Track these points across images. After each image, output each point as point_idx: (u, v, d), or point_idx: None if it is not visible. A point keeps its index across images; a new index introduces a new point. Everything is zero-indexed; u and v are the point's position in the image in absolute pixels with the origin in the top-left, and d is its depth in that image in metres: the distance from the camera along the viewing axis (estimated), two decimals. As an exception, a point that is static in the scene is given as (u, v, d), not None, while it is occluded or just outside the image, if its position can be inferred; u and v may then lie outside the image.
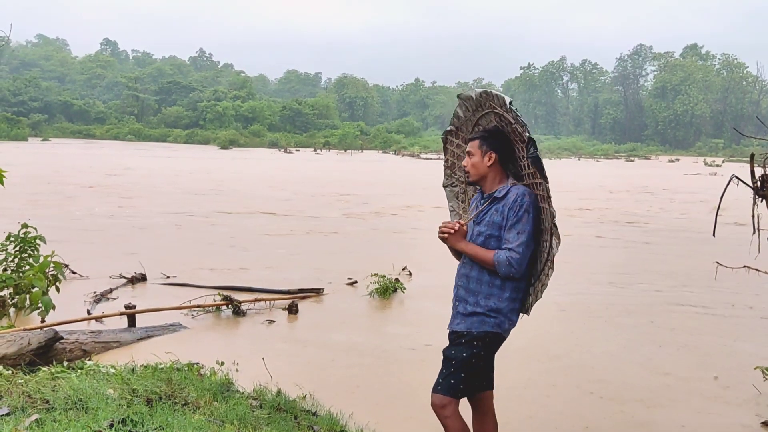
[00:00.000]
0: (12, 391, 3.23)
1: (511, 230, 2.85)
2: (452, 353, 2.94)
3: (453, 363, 2.91)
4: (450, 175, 3.59)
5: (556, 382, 4.99)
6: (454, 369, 2.90)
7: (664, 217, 17.73)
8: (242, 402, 3.60)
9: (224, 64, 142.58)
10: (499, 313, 2.90)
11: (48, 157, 41.08)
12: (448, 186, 3.60)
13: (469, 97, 3.14)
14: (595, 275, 9.36)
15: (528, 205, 2.85)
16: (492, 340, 2.92)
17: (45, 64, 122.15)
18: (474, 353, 2.90)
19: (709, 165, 58.39)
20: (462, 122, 3.32)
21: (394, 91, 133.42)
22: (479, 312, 2.91)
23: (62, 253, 6.89)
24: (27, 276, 6.05)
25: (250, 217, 15.19)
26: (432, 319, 6.45)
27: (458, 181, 3.53)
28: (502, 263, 2.83)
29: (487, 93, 2.98)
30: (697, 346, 6.05)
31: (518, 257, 2.81)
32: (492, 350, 2.97)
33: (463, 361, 2.89)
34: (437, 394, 2.90)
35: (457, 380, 2.88)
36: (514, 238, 2.83)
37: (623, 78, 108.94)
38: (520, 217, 2.83)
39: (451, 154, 3.51)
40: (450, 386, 2.88)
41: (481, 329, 2.90)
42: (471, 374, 2.91)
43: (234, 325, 6.44)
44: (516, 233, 2.84)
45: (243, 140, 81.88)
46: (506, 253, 2.82)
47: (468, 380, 2.91)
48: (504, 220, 2.88)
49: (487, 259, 2.88)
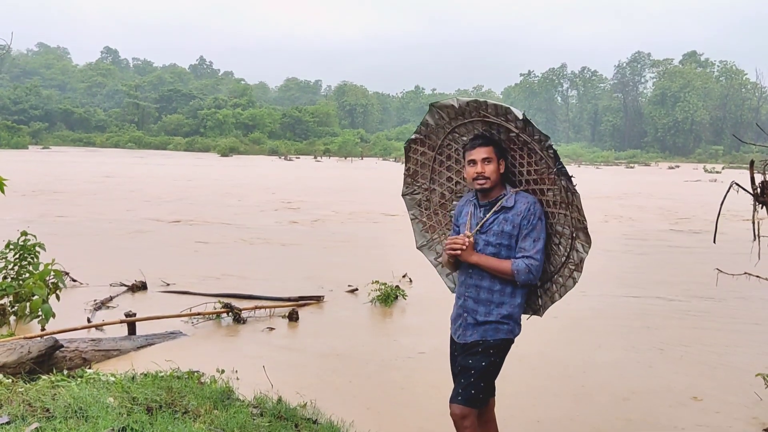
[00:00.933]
0: (12, 399, 3.23)
1: (527, 238, 2.89)
2: (470, 363, 2.94)
3: (472, 373, 2.91)
4: (411, 183, 3.56)
5: (560, 387, 4.98)
6: (474, 379, 2.90)
7: (665, 223, 17.73)
8: (243, 410, 3.59)
9: (224, 72, 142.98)
10: (511, 319, 2.96)
11: (45, 165, 41.12)
12: (409, 194, 3.58)
13: (448, 105, 3.06)
14: (598, 282, 9.34)
15: (540, 213, 2.90)
16: (506, 346, 2.98)
17: (46, 73, 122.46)
18: (491, 361, 2.93)
19: (709, 171, 58.39)
20: (431, 130, 3.27)
21: (394, 98, 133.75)
22: (492, 321, 2.94)
23: (62, 260, 6.89)
24: (27, 284, 6.05)
25: (249, 224, 15.19)
26: (434, 326, 6.44)
27: (420, 188, 3.52)
28: (521, 271, 2.86)
29: (478, 102, 2.91)
30: (699, 352, 6.03)
31: (537, 264, 2.87)
32: (504, 357, 3.01)
33: (482, 371, 2.91)
34: (458, 404, 2.88)
35: (478, 390, 2.90)
36: (531, 246, 2.87)
37: (622, 85, 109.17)
38: (534, 225, 2.88)
39: (414, 162, 3.47)
40: (470, 396, 2.89)
41: (497, 337, 2.94)
42: (489, 383, 2.96)
43: (234, 333, 6.43)
44: (532, 241, 2.88)
45: (243, 148, 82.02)
46: (525, 261, 2.86)
47: (486, 389, 2.94)
48: (516, 229, 2.90)
49: (503, 269, 2.89)
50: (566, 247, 2.94)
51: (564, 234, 2.92)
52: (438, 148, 3.33)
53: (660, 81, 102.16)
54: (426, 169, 3.45)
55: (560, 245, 2.96)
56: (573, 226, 2.86)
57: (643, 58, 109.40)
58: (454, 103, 3.03)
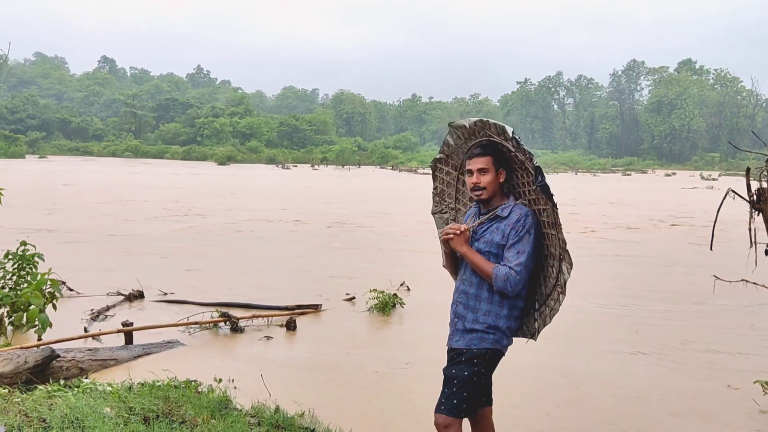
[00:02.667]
0: (8, 409, 3.22)
1: (511, 249, 2.85)
2: (453, 372, 2.93)
3: (455, 383, 2.90)
4: (439, 203, 3.58)
5: (561, 397, 4.97)
6: (456, 388, 2.89)
7: (664, 230, 17.78)
8: (240, 419, 3.58)
9: (222, 81, 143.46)
10: (497, 329, 2.91)
11: (41, 174, 41.10)
12: (437, 213, 3.59)
13: (461, 126, 3.10)
14: (596, 290, 9.35)
15: (530, 226, 2.86)
16: (491, 357, 2.93)
17: (43, 82, 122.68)
18: (475, 371, 2.89)
19: (706, 179, 58.61)
20: (452, 150, 3.31)
21: (391, 106, 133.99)
22: (478, 329, 2.91)
23: (58, 270, 6.87)
24: (24, 294, 6.03)
25: (249, 232, 15.19)
26: (432, 335, 6.43)
27: (447, 207, 3.53)
28: (499, 277, 2.83)
29: (483, 122, 2.93)
30: (697, 360, 6.03)
31: (516, 277, 2.81)
32: (492, 367, 2.96)
33: (464, 380, 2.88)
34: (440, 414, 2.88)
35: (460, 400, 2.87)
36: (514, 257, 2.84)
37: (618, 93, 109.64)
38: (521, 236, 2.84)
39: (441, 181, 3.51)
40: (453, 406, 2.87)
41: (481, 346, 2.90)
42: (473, 393, 2.91)
43: (232, 342, 6.41)
44: (516, 252, 2.84)
45: (240, 156, 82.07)
46: (506, 270, 2.83)
47: (470, 399, 2.90)
48: (504, 239, 2.88)
49: (486, 269, 2.88)
50: (556, 270, 2.88)
51: (555, 256, 2.87)
52: (460, 168, 3.35)
53: (656, 89, 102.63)
54: (451, 189, 3.46)
55: (553, 267, 2.91)
56: (560, 247, 2.81)
57: (638, 66, 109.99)
58: (466, 124, 3.06)
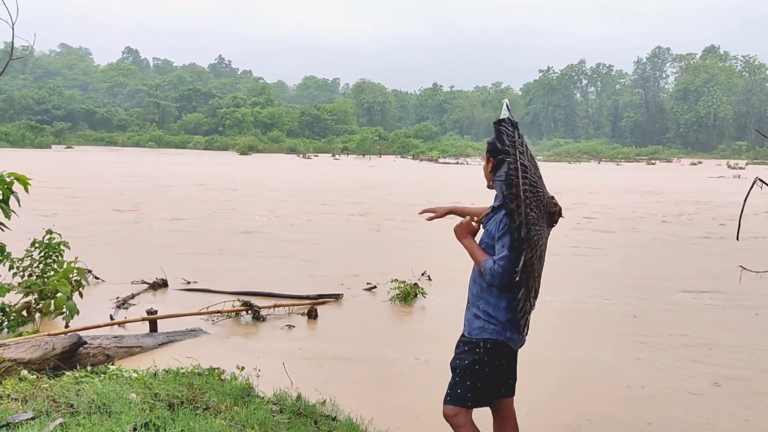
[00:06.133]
0: (37, 395, 3.28)
1: (499, 241, 2.82)
2: (456, 362, 2.95)
3: (457, 372, 2.92)
4: None
5: (570, 389, 4.95)
6: (459, 378, 2.90)
7: (687, 220, 17.50)
8: (262, 407, 3.62)
9: (243, 71, 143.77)
10: (497, 321, 2.86)
11: (66, 164, 41.69)
12: None
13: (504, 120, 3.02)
14: (605, 281, 9.26)
15: None
16: (493, 347, 2.87)
17: (68, 73, 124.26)
18: (476, 359, 2.87)
19: (733, 167, 57.53)
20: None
21: (412, 96, 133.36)
22: (480, 317, 2.91)
23: (84, 258, 6.98)
24: (51, 282, 6.14)
25: (266, 220, 15.28)
26: (453, 326, 6.39)
27: None
28: (486, 270, 2.82)
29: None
30: (721, 350, 5.95)
31: (499, 271, 2.76)
32: (496, 357, 2.88)
33: (465, 369, 2.88)
34: (446, 404, 2.91)
35: (464, 389, 2.87)
36: (499, 250, 2.80)
37: (643, 80, 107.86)
38: (506, 231, 2.77)
39: None
40: (457, 396, 2.88)
41: (481, 336, 2.88)
42: (477, 382, 2.87)
43: (254, 331, 6.48)
44: (501, 245, 2.80)
45: (262, 146, 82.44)
46: (490, 263, 2.80)
47: (475, 388, 2.87)
48: (496, 231, 2.86)
49: (478, 261, 2.90)
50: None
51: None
52: None
53: (682, 76, 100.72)
54: None
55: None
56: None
57: (663, 53, 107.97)
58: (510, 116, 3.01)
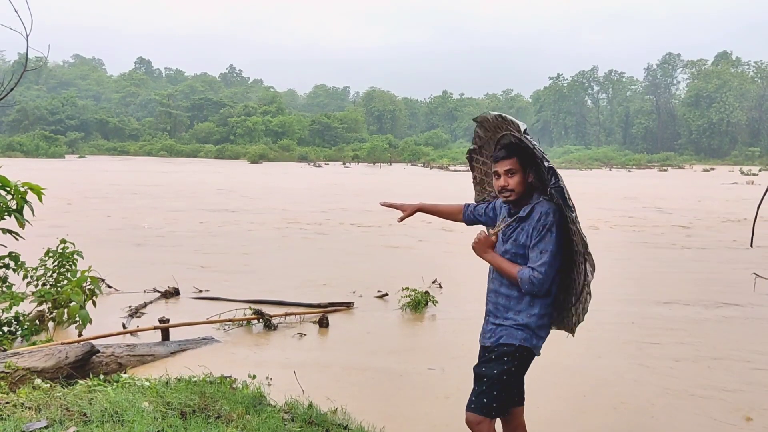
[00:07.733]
0: (50, 403, 3.30)
1: (534, 249, 2.82)
2: (483, 371, 2.92)
3: (485, 381, 2.89)
4: (481, 191, 3.58)
5: (589, 400, 4.91)
6: (486, 387, 2.87)
7: (699, 230, 17.36)
8: (274, 415, 3.62)
9: (254, 80, 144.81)
10: (527, 328, 2.87)
11: (79, 174, 42.06)
12: (481, 202, 3.59)
13: (485, 119, 3.15)
14: (618, 290, 9.19)
15: (551, 224, 2.80)
16: (522, 354, 2.89)
17: (81, 83, 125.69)
18: (505, 369, 2.86)
19: (746, 174, 57.07)
20: (483, 141, 3.34)
21: (422, 103, 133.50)
22: (507, 326, 2.89)
23: (97, 267, 7.03)
24: (65, 291, 6.19)
25: (279, 230, 15.32)
26: (465, 334, 6.41)
27: (489, 196, 3.52)
28: (524, 281, 2.81)
29: (502, 117, 2.95)
30: (732, 360, 5.88)
31: (540, 277, 2.78)
32: (523, 365, 2.93)
33: (494, 379, 2.87)
34: (471, 412, 2.88)
35: (491, 398, 2.85)
36: (537, 258, 2.80)
37: (654, 87, 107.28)
38: (542, 236, 2.80)
39: (479, 170, 3.54)
40: (483, 405, 2.86)
41: (510, 342, 2.88)
42: (503, 392, 2.88)
43: (265, 339, 6.48)
44: (538, 252, 2.81)
45: (273, 154, 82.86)
46: (529, 272, 2.80)
47: (501, 398, 2.87)
48: (528, 239, 2.85)
49: (511, 273, 2.87)
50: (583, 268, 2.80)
51: (580, 252, 2.79)
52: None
53: (694, 82, 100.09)
54: (490, 178, 3.42)
55: (581, 264, 2.82)
56: (582, 248, 2.73)
57: (673, 59, 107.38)
58: (488, 117, 3.09)
